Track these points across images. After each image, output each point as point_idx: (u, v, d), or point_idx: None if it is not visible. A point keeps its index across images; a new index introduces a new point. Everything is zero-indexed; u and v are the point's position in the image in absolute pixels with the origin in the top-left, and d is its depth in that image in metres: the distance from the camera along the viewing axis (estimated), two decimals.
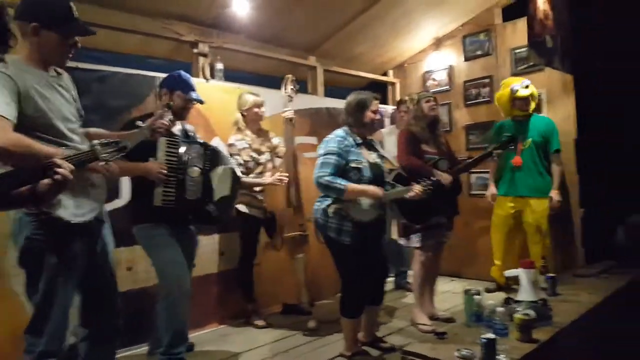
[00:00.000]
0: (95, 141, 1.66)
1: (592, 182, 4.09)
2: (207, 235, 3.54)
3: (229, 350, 3.11)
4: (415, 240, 3.33)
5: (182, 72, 2.81)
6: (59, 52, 1.90)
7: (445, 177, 3.19)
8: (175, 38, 3.69)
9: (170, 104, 2.57)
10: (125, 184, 3.04)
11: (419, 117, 3.38)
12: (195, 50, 3.76)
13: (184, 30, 3.67)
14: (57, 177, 1.34)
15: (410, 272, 3.84)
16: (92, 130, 2.19)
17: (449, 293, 4.33)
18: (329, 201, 2.76)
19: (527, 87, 3.84)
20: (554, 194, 3.79)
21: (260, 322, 3.56)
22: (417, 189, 2.79)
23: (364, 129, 2.86)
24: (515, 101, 3.88)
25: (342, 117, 2.93)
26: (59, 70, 2.01)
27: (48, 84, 1.89)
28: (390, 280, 4.58)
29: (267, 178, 3.44)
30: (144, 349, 3.07)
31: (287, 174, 3.43)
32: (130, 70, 3.27)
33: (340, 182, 2.64)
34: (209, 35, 3.82)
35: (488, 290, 4.09)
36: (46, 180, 1.33)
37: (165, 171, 2.53)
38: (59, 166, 1.34)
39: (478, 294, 2.55)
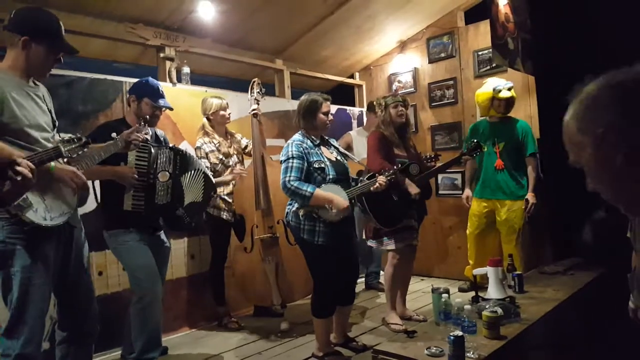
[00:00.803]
0: (58, 138, 1.78)
1: (556, 181, 4.14)
2: (177, 239, 3.65)
3: (202, 353, 3.22)
4: (387, 243, 3.43)
5: (150, 79, 2.91)
6: (43, 66, 2.05)
7: (413, 189, 3.28)
8: (141, 42, 3.79)
9: (147, 118, 2.68)
10: (93, 190, 3.11)
11: (387, 122, 3.49)
12: (161, 55, 3.88)
13: (150, 35, 3.77)
14: (17, 176, 1.41)
15: (381, 273, 3.95)
16: None
17: (420, 292, 4.48)
18: (298, 204, 2.86)
19: (509, 89, 3.90)
20: (530, 197, 3.84)
21: (232, 325, 3.68)
22: (380, 180, 2.92)
23: (315, 132, 2.97)
24: (495, 101, 3.93)
25: (295, 120, 3.03)
26: (37, 82, 2.13)
27: (25, 93, 2.01)
28: (361, 280, 4.74)
29: (227, 175, 3.56)
30: (116, 353, 3.15)
31: (246, 170, 3.56)
32: (97, 75, 3.36)
33: (307, 189, 2.72)
34: (175, 40, 3.93)
35: (461, 289, 4.24)
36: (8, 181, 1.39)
37: (137, 176, 2.63)
38: (19, 165, 1.42)
39: (446, 292, 2.63)
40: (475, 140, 3.67)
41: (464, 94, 4.86)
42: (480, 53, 4.73)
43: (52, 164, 1.93)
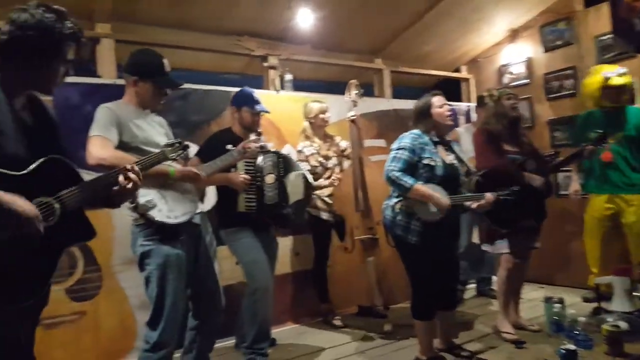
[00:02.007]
0: (162, 143, 2.19)
1: None
2: (283, 237, 3.99)
3: (308, 347, 3.50)
4: (501, 246, 3.36)
5: (245, 88, 3.30)
6: (153, 99, 2.49)
7: (536, 179, 3.22)
8: (246, 54, 4.25)
9: (261, 132, 3.08)
10: (210, 191, 3.57)
11: (499, 114, 3.39)
12: (265, 64, 4.29)
13: (254, 46, 4.21)
14: (128, 182, 1.69)
15: (494, 279, 3.89)
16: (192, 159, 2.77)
17: (537, 301, 4.26)
18: (396, 199, 2.94)
19: (621, 75, 3.68)
20: None
21: (337, 322, 3.94)
22: (488, 198, 2.89)
23: (439, 128, 2.98)
24: (606, 90, 3.70)
25: (411, 125, 3.06)
26: (153, 115, 2.59)
27: (143, 119, 2.46)
28: (472, 286, 4.75)
29: (324, 181, 3.84)
30: (230, 342, 3.57)
31: (340, 176, 3.80)
32: (208, 87, 3.86)
33: (408, 180, 2.76)
34: (277, 48, 4.33)
35: (586, 299, 4.02)
36: (121, 181, 1.68)
37: (248, 181, 3.01)
38: (129, 170, 1.71)
39: (559, 302, 2.56)
40: (600, 131, 3.48)
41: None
42: (602, 38, 4.46)
43: (172, 169, 2.34)
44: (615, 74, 3.68)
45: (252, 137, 2.93)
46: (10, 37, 1.50)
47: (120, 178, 1.66)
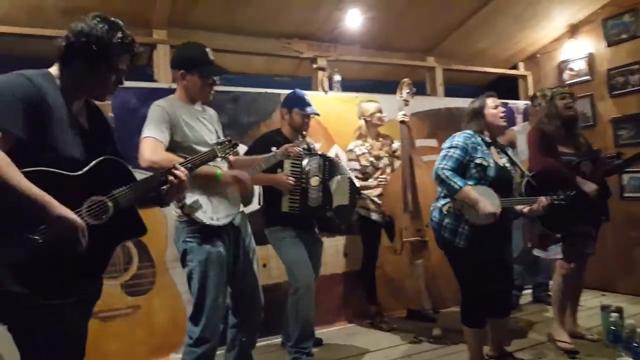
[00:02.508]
0: (212, 142, 2.24)
1: None
2: (331, 237, 4.04)
3: (355, 348, 3.50)
4: (554, 252, 3.28)
5: (297, 91, 3.34)
6: (201, 91, 2.53)
7: (588, 186, 3.09)
8: (295, 56, 4.30)
9: (305, 134, 3.14)
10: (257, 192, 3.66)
11: (552, 115, 3.30)
12: (314, 66, 4.33)
13: (304, 48, 4.26)
14: (175, 179, 1.75)
15: (551, 284, 3.76)
16: (236, 157, 2.79)
17: (597, 309, 4.13)
18: (444, 200, 2.87)
19: None
20: None
21: (385, 325, 3.93)
22: (541, 202, 2.78)
23: (492, 130, 2.92)
24: None
25: (463, 126, 2.98)
26: (205, 107, 2.66)
27: (194, 116, 2.52)
28: (529, 292, 4.60)
29: (373, 181, 3.83)
30: (277, 340, 3.64)
31: (386, 177, 3.78)
32: (258, 89, 3.93)
33: (457, 181, 2.68)
34: (326, 50, 4.36)
35: None
36: (170, 180, 1.75)
37: (293, 181, 3.05)
38: (177, 169, 1.78)
39: (617, 311, 2.45)
40: None
41: None
42: None
43: (219, 171, 2.40)
44: None
45: (296, 140, 3.00)
46: (67, 45, 1.60)
47: (170, 177, 1.74)
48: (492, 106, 2.91)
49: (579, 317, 3.58)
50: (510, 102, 5.33)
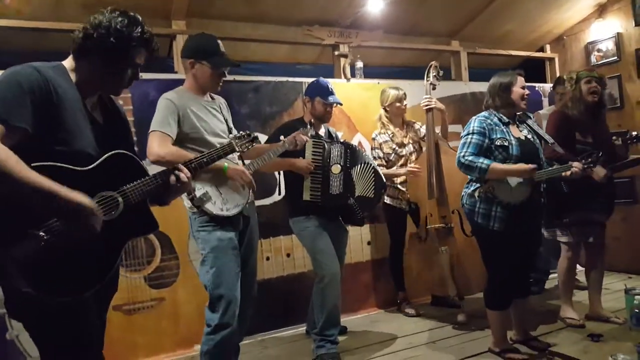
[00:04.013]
0: (231, 135, 2.15)
1: None
2: (355, 226, 3.83)
3: (379, 335, 3.38)
4: (559, 235, 3.24)
5: (321, 79, 3.18)
6: (211, 81, 2.44)
7: (597, 171, 2.93)
8: (317, 43, 4.10)
9: (312, 122, 3.02)
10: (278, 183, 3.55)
11: (576, 99, 3.14)
12: (336, 53, 4.12)
13: (325, 35, 4.04)
14: (177, 182, 1.64)
15: (579, 268, 3.64)
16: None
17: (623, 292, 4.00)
18: (475, 185, 2.74)
19: None
20: None
21: (410, 311, 3.79)
22: (576, 166, 2.69)
23: (513, 109, 2.78)
24: None
25: (486, 102, 2.86)
26: (214, 96, 2.56)
27: (203, 107, 2.43)
28: (554, 276, 4.40)
29: (401, 169, 3.64)
30: (302, 328, 3.53)
31: (419, 167, 3.57)
32: (280, 78, 3.76)
33: (483, 161, 2.59)
34: (348, 36, 4.14)
35: None
36: (172, 180, 1.64)
37: (313, 166, 2.92)
38: (180, 170, 1.66)
39: None
40: None
41: None
42: None
43: (225, 164, 2.30)
44: None
45: (302, 129, 2.85)
46: (84, 37, 1.51)
47: (172, 178, 1.63)
48: (521, 85, 2.77)
49: (606, 299, 3.48)
50: (537, 85, 5.06)
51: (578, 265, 3.56)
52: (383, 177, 3.21)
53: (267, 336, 3.49)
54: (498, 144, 2.65)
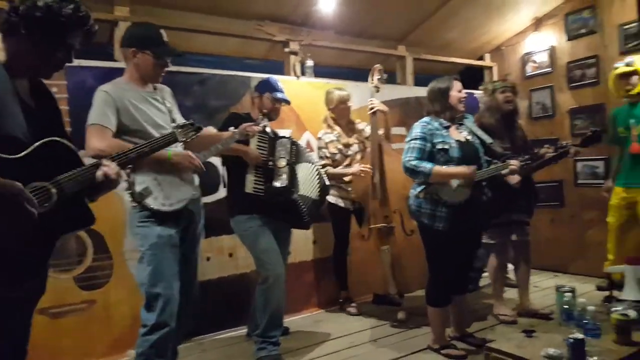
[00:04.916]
0: (173, 124, 2.03)
1: None
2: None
3: (322, 335, 3.30)
4: (485, 236, 3.29)
5: (271, 77, 3.09)
6: (153, 71, 2.29)
7: (512, 178, 3.04)
8: (268, 39, 3.93)
9: (267, 112, 2.88)
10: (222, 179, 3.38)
11: (492, 108, 3.29)
12: (286, 49, 3.98)
13: (276, 31, 3.90)
14: (100, 175, 1.47)
15: (510, 266, 3.76)
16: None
17: (551, 289, 4.12)
18: (420, 187, 2.77)
19: (628, 64, 3.57)
20: None
21: (352, 310, 3.73)
22: (513, 163, 2.76)
23: (452, 112, 2.82)
24: (618, 80, 3.64)
25: (426, 108, 2.90)
26: (157, 85, 2.39)
27: (143, 97, 2.27)
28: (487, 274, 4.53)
29: (351, 168, 3.57)
30: (243, 331, 3.37)
31: (370, 166, 3.52)
32: (228, 72, 3.58)
33: (426, 165, 2.63)
34: (299, 34, 4.02)
35: (600, 288, 3.88)
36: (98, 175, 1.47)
37: (262, 156, 2.81)
38: (105, 165, 1.49)
39: (570, 291, 2.48)
40: (594, 130, 3.29)
41: (607, 73, 4.23)
42: (627, 27, 4.15)
43: (169, 152, 2.14)
44: (623, 63, 3.60)
45: (256, 119, 2.77)
46: (10, 11, 1.39)
47: (98, 173, 1.46)
48: (457, 89, 2.82)
49: (536, 297, 3.68)
50: (476, 92, 5.16)
51: (509, 264, 3.69)
52: (326, 179, 3.13)
53: (206, 339, 3.31)
54: (439, 147, 2.69)
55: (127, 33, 2.36)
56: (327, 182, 3.14)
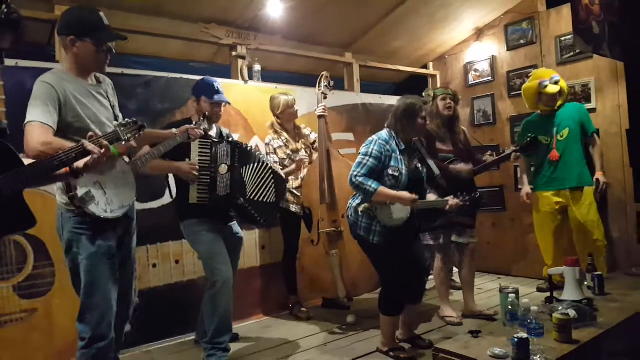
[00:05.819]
0: (116, 123, 1.93)
1: None
2: (249, 230, 3.77)
3: (272, 341, 3.31)
4: (425, 238, 3.43)
5: (206, 78, 3.05)
6: (96, 59, 2.12)
7: (462, 168, 3.26)
8: (214, 42, 3.92)
9: (206, 114, 2.83)
10: (168, 185, 3.29)
11: (433, 114, 3.41)
12: (233, 53, 3.99)
13: (223, 34, 3.89)
14: (94, 155, 1.55)
15: (455, 270, 3.89)
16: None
17: (495, 291, 4.26)
18: (359, 200, 2.83)
19: (556, 83, 3.74)
20: (599, 176, 3.68)
21: (302, 315, 3.77)
22: (452, 202, 2.84)
23: (410, 135, 2.87)
24: (542, 96, 3.81)
25: (389, 121, 2.90)
26: (100, 77, 2.26)
27: (87, 92, 2.13)
28: (432, 278, 4.66)
29: (292, 165, 3.62)
30: (190, 338, 3.34)
31: (308, 159, 3.59)
32: (173, 75, 3.54)
33: (372, 185, 2.66)
34: (247, 38, 4.04)
35: (540, 290, 4.04)
36: (86, 159, 1.51)
37: (197, 171, 2.76)
38: (89, 145, 1.56)
39: (514, 292, 2.53)
40: (531, 136, 3.48)
41: None
42: (563, 39, 4.43)
43: (113, 148, 1.98)
44: (550, 81, 3.76)
45: (196, 121, 2.74)
46: None
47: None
48: (423, 115, 2.85)
49: (480, 298, 3.81)
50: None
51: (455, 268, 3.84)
52: (282, 173, 3.15)
53: (154, 347, 3.24)
54: (390, 172, 2.74)
55: (63, 19, 2.12)
56: (283, 176, 3.15)
